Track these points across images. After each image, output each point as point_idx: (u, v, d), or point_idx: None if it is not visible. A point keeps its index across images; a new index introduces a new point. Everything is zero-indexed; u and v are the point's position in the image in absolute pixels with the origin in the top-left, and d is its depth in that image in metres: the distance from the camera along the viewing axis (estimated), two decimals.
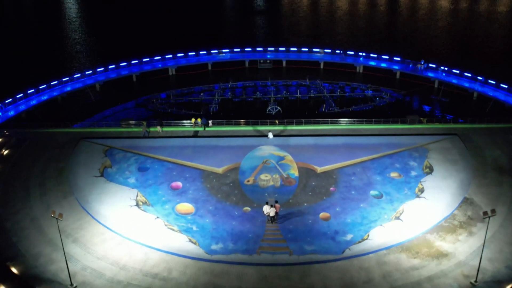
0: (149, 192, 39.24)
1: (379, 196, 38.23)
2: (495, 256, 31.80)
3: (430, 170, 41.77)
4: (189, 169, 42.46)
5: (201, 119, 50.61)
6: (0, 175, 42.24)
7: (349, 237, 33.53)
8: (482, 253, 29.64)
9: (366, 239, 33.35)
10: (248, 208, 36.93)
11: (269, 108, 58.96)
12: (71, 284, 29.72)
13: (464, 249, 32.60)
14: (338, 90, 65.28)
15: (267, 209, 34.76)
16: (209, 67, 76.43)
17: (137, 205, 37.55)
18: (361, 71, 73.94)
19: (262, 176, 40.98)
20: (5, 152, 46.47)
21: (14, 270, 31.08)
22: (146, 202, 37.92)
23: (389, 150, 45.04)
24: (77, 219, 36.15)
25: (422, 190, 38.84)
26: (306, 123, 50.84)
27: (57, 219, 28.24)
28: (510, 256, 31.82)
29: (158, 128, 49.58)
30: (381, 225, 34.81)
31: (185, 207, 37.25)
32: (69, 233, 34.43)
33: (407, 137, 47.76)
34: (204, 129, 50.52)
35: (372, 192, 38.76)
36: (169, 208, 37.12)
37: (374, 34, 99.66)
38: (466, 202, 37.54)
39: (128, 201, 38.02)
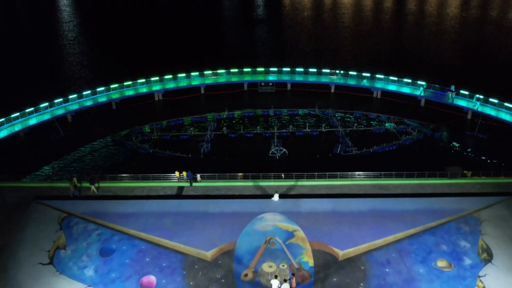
0: None
1: None
2: None
3: (489, 255, 31.26)
4: (167, 254, 31.91)
5: (187, 173, 40.09)
6: None
7: None
8: None
9: None
10: None
11: (273, 149, 48.53)
12: None
13: None
14: (355, 124, 54.67)
15: (276, 285, 27.45)
16: (202, 91, 66.06)
17: None
18: (379, 96, 63.52)
19: (265, 267, 30.47)
20: None
21: None
22: None
23: (430, 220, 34.53)
24: None
25: None
26: (320, 177, 40.39)
27: None
28: None
29: (92, 188, 39.03)
30: None
31: None
32: None
33: (450, 200, 37.25)
34: (191, 185, 40.08)
35: None
36: None
37: (393, 53, 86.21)
38: None
39: None
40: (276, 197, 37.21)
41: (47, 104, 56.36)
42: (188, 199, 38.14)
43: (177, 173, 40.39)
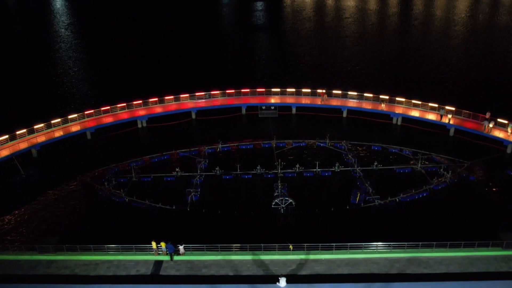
0: None
1: None
2: None
3: None
4: None
5: (166, 244, 30.93)
6: None
7: None
8: None
9: None
10: None
11: (276, 200, 39.37)
12: None
13: None
14: (375, 163, 45.42)
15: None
16: (193, 116, 56.98)
17: None
18: (399, 123, 54.45)
19: None
20: None
21: None
22: None
23: None
24: None
25: None
26: (339, 247, 31.31)
27: None
28: None
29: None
30: None
31: None
32: None
33: (510, 284, 28.20)
34: (172, 259, 30.97)
35: None
36: None
37: (413, 73, 74.14)
38: None
39: None
40: (282, 282, 28.13)
41: (6, 136, 47.20)
42: (167, 283, 29.00)
43: (154, 244, 31.25)
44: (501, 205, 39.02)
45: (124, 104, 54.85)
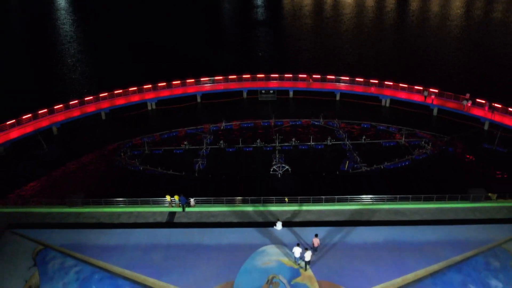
0: None
1: None
2: None
3: None
4: None
5: (179, 197, 35.87)
6: None
7: None
8: None
9: None
10: None
11: (274, 166, 44.33)
12: None
13: None
14: (363, 137, 50.41)
15: (298, 253, 29.04)
16: (198, 100, 61.87)
17: None
18: (387, 105, 59.35)
19: None
20: None
21: None
22: None
23: (455, 254, 30.43)
24: None
25: None
26: (328, 200, 36.20)
27: None
28: None
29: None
30: None
31: None
32: None
33: (475, 228, 33.12)
34: (184, 210, 35.89)
35: None
36: None
37: (402, 58, 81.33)
38: None
39: None
40: (279, 226, 33.07)
41: (30, 115, 52.15)
42: (181, 227, 33.96)
43: (168, 198, 36.21)
44: (473, 170, 44.02)
45: (135, 88, 59.71)
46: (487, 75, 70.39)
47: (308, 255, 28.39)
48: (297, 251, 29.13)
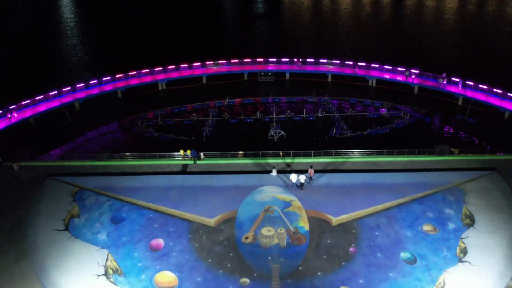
0: (123, 254, 31.30)
1: (412, 261, 30.28)
2: None
3: (471, 220, 33.80)
4: (174, 220, 34.50)
5: (191, 151, 42.65)
6: None
7: None
8: None
9: None
10: (247, 280, 28.99)
11: (271, 132, 51.09)
12: None
13: None
14: (350, 109, 57.21)
15: (295, 179, 36.85)
16: (204, 81, 68.62)
17: (105, 273, 29.62)
18: (374, 85, 66.06)
19: (264, 231, 33.03)
20: None
21: None
22: (117, 270, 29.99)
23: (418, 192, 37.08)
24: None
25: (465, 251, 30.90)
26: (316, 155, 42.91)
27: None
28: None
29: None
30: None
31: (166, 278, 29.31)
32: None
33: (438, 174, 39.79)
34: (195, 162, 42.63)
35: (403, 255, 30.81)
36: (146, 279, 29.18)
37: (387, 43, 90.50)
38: None
39: (95, 267, 30.07)
40: (274, 173, 39.77)
41: (55, 92, 58.94)
42: (192, 174, 40.71)
43: (181, 152, 42.99)
44: (443, 133, 50.76)
45: (148, 70, 66.44)
46: (461, 57, 79.16)
47: (302, 178, 36.83)
48: (293, 177, 37.01)
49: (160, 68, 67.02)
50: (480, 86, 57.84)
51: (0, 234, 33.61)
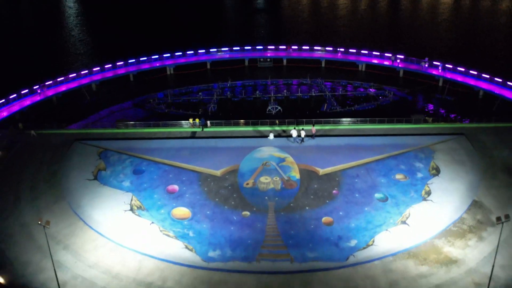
0: (144, 195, 37.67)
1: (384, 199, 36.62)
2: (508, 263, 30.22)
3: (437, 171, 40.11)
4: (186, 172, 40.86)
5: (199, 120, 48.98)
6: None
7: (353, 243, 31.96)
8: (494, 260, 27.91)
9: (371, 245, 31.78)
10: (247, 213, 35.34)
11: (269, 107, 57.36)
12: None
13: (474, 255, 31.01)
14: (340, 89, 63.55)
15: (295, 133, 44.65)
16: (208, 66, 74.89)
17: (131, 209, 35.98)
18: (363, 69, 72.28)
19: (262, 179, 39.37)
20: None
21: (0, 279, 29.55)
22: (140, 207, 36.34)
23: (394, 150, 43.37)
24: (69, 224, 34.62)
25: (429, 193, 37.21)
26: (308, 123, 49.17)
27: (44, 226, 26.67)
28: None
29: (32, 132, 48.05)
30: (386, 230, 33.26)
31: (182, 211, 35.68)
32: (60, 240, 32.92)
33: (412, 137, 46.08)
34: (202, 129, 48.94)
35: (377, 195, 37.15)
36: (165, 213, 35.55)
37: (376, 31, 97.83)
38: (475, 205, 35.92)
39: (122, 205, 36.44)
40: (271, 136, 46.09)
41: (74, 74, 65.27)
42: (201, 139, 47.03)
43: (191, 120, 49.32)
44: (423, 109, 57.05)
45: (157, 56, 72.73)
46: (442, 42, 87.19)
47: (303, 133, 44.50)
48: (294, 132, 44.73)
49: (169, 54, 73.23)
50: (458, 68, 64.03)
51: (40, 183, 39.96)
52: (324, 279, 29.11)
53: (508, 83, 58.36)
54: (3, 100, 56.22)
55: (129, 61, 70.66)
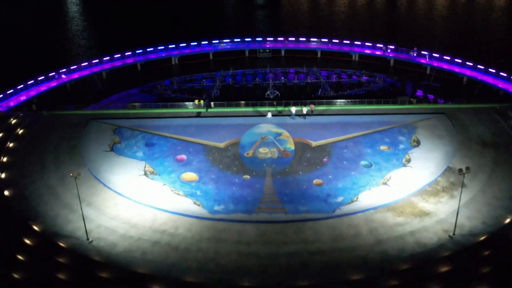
0: (156, 163, 42.39)
1: (369, 166, 41.32)
2: (473, 215, 34.88)
3: (417, 143, 44.80)
4: (192, 144, 45.58)
5: (204, 101, 53.66)
6: (17, 151, 45.37)
7: (339, 199, 36.67)
8: (458, 208, 32.59)
9: (355, 201, 36.48)
10: (248, 176, 40.04)
11: (268, 92, 61.98)
12: (88, 239, 32.88)
13: (445, 209, 35.67)
14: (335, 77, 68.22)
15: (294, 110, 50.37)
16: (211, 57, 79.50)
17: (145, 174, 40.70)
18: (356, 59, 76.91)
19: (261, 150, 44.07)
20: (20, 132, 49.47)
21: (35, 227, 34.22)
22: (153, 172, 41.06)
23: (380, 127, 48.05)
24: (90, 186, 39.30)
25: (409, 161, 41.90)
26: (303, 104, 53.79)
27: (75, 177, 31.38)
28: (486, 214, 34.94)
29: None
30: (369, 189, 37.94)
31: (190, 176, 40.40)
32: (84, 198, 37.43)
33: (397, 115, 50.75)
34: (207, 110, 53.60)
35: (362, 162, 41.84)
36: (175, 177, 40.26)
37: (371, 25, 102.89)
38: (449, 170, 40.57)
39: (137, 171, 41.17)
40: (269, 115, 50.78)
41: (86, 63, 69.97)
42: (205, 117, 51.73)
43: (196, 101, 54.00)
44: (411, 94, 61.79)
45: (163, 47, 77.42)
46: (430, 32, 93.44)
47: (304, 110, 49.95)
48: (293, 109, 49.75)
49: (174, 46, 77.91)
50: (445, 57, 68.68)
51: (62, 154, 44.64)
52: (313, 227, 33.80)
53: (489, 70, 63.05)
54: (22, 86, 60.88)
55: (137, 51, 75.29)
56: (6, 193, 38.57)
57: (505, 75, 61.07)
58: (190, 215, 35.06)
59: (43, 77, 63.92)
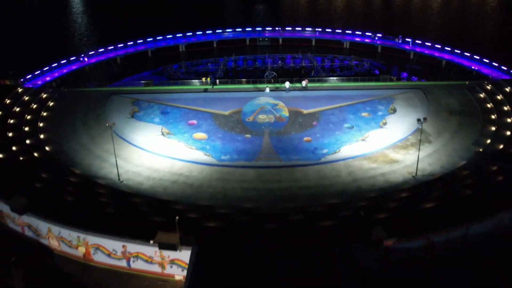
0: (171, 126, 50.02)
1: (351, 127, 48.93)
2: (434, 162, 42.51)
3: (394, 111, 52.37)
4: (201, 112, 53.19)
5: (210, 78, 61.27)
6: (51, 119, 52.90)
7: (325, 151, 44.33)
8: (419, 151, 40.17)
9: (338, 152, 44.08)
10: (249, 135, 47.66)
11: (267, 73, 69.51)
12: (119, 179, 40.49)
13: (412, 158, 43.23)
14: (327, 61, 75.77)
15: (288, 85, 57.76)
16: (215, 45, 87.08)
17: (162, 134, 48.30)
18: (347, 46, 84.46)
19: (260, 116, 51.68)
20: (51, 104, 56.99)
21: (76, 171, 41.85)
22: (169, 133, 48.68)
23: (363, 98, 55.59)
24: (116, 143, 46.64)
25: (385, 123, 49.50)
26: (298, 81, 61.32)
27: (111, 126, 38.99)
28: (445, 162, 42.53)
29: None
30: (350, 144, 45.53)
31: (200, 135, 48.07)
32: (112, 152, 45.09)
33: (378, 90, 58.31)
34: (212, 86, 61.18)
35: (346, 125, 49.46)
36: (188, 136, 47.91)
37: (358, 13, 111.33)
38: (419, 131, 47.87)
39: (155, 132, 48.81)
40: (267, 90, 58.39)
41: (102, 49, 77.59)
42: (211, 92, 59.34)
43: (203, 79, 61.65)
44: (393, 74, 69.49)
45: (171, 36, 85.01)
46: (412, 21, 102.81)
47: (304, 83, 57.65)
48: (287, 84, 57.01)
49: (181, 34, 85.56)
50: (426, 43, 76.24)
51: (89, 121, 52.20)
52: (303, 170, 41.43)
53: (465, 53, 70.59)
54: (47, 68, 68.46)
55: (148, 39, 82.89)
56: (47, 148, 46.16)
57: (478, 57, 68.66)
58: (202, 162, 42.65)
59: (64, 61, 71.54)
